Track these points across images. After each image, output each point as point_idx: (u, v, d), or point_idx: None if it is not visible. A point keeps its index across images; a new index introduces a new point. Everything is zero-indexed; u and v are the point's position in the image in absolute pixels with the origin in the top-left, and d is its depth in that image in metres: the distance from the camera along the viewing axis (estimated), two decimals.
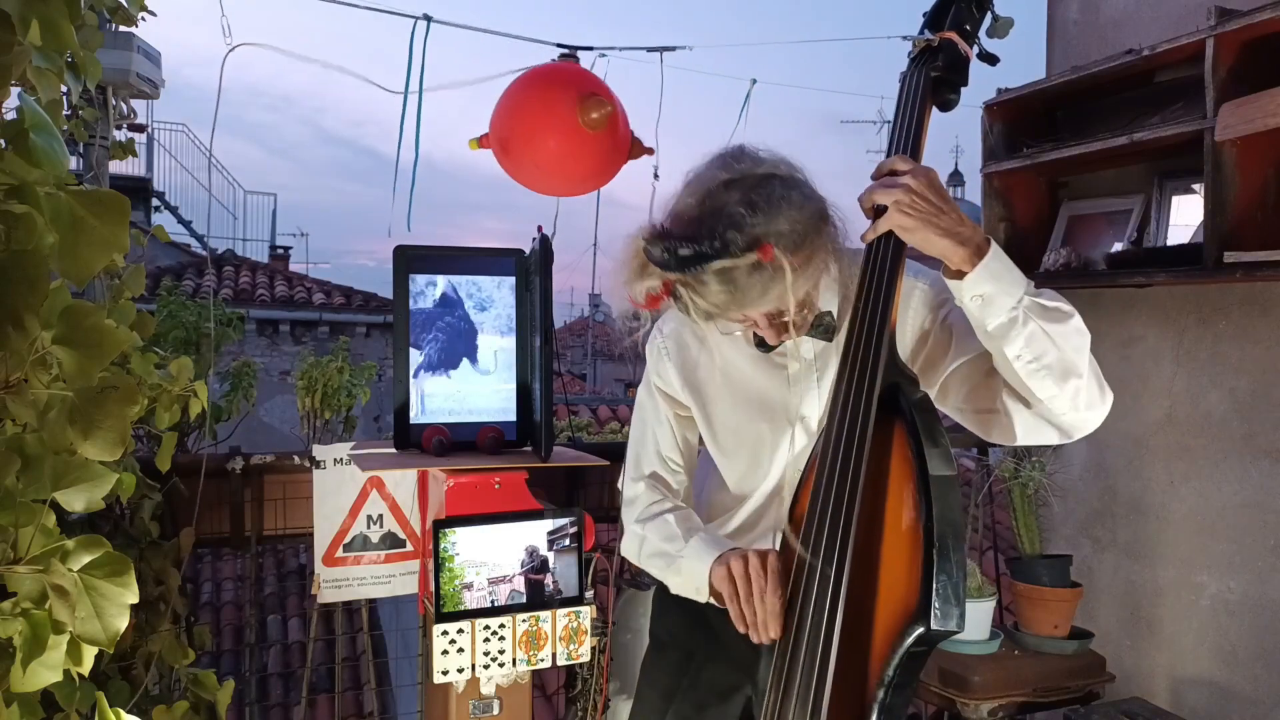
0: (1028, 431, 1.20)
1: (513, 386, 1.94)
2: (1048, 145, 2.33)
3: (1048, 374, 1.10)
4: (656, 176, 1.32)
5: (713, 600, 1.26)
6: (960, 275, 1.09)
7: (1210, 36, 1.88)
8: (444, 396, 1.91)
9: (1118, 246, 2.28)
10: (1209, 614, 2.24)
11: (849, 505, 1.05)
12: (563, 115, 1.41)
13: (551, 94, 1.43)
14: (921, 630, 0.99)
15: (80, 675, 0.90)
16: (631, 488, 1.46)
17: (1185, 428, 2.29)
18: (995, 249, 1.09)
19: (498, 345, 1.94)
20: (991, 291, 1.08)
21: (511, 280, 1.93)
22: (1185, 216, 2.23)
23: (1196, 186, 2.17)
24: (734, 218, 1.08)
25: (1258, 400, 2.13)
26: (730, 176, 1.13)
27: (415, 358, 1.88)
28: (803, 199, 1.13)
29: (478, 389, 1.93)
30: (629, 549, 1.44)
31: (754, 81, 1.49)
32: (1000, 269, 1.08)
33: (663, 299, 1.14)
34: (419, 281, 1.88)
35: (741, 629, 1.14)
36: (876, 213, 1.12)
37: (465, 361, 1.92)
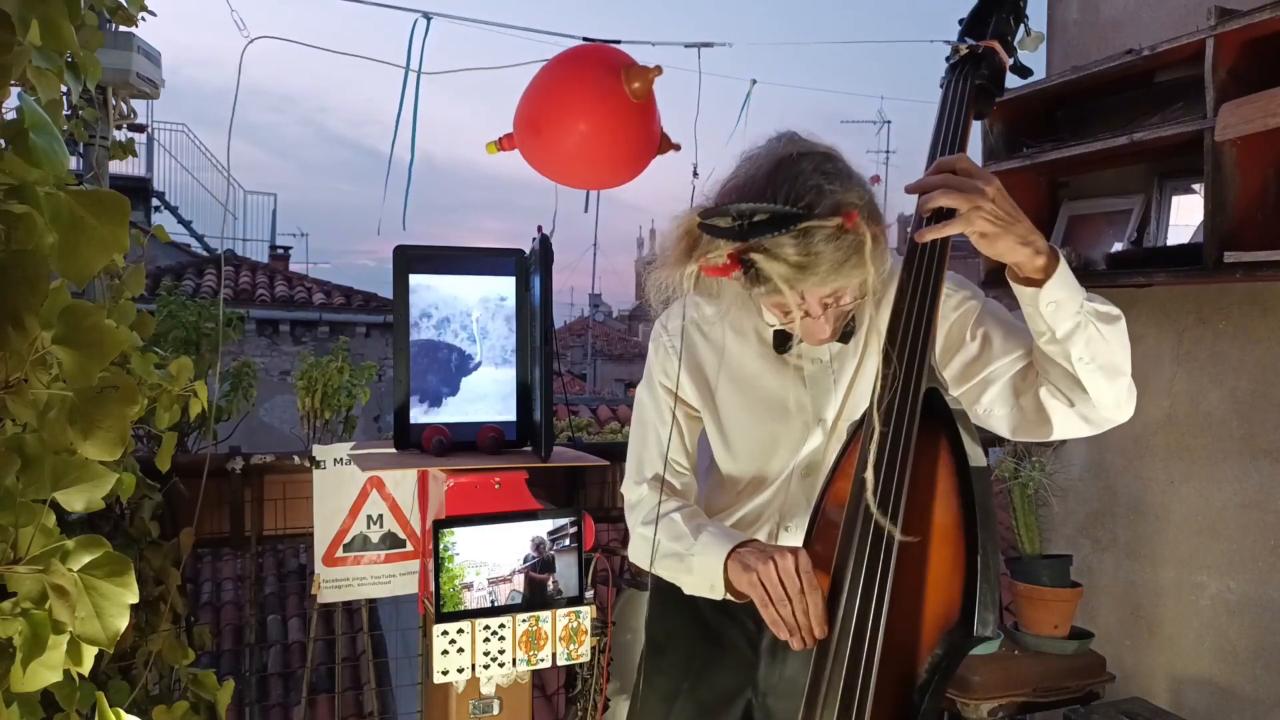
0: (1062, 427, 1.22)
1: (513, 387, 1.94)
2: (1048, 145, 2.33)
3: (1102, 373, 1.14)
4: (696, 174, 1.30)
5: (729, 597, 1.23)
6: (1035, 282, 1.10)
7: (1210, 36, 1.88)
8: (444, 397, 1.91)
9: (1118, 246, 2.28)
10: (1209, 614, 2.24)
11: (894, 512, 1.03)
12: (601, 89, 1.36)
13: (588, 68, 1.37)
14: (961, 635, 0.99)
15: (80, 675, 0.90)
16: (635, 491, 1.43)
17: (1185, 428, 2.29)
18: (1061, 257, 1.11)
19: (496, 376, 1.94)
20: (1063, 297, 1.10)
21: (511, 281, 1.93)
22: (1185, 216, 2.23)
23: (1196, 186, 2.17)
24: (814, 182, 1.07)
25: (1258, 400, 2.13)
26: (799, 150, 1.12)
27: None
28: (862, 181, 1.13)
29: (478, 389, 1.93)
30: (638, 554, 1.41)
31: (754, 82, 1.49)
32: (1069, 275, 1.11)
33: (733, 270, 1.10)
34: (418, 307, 1.88)
35: (783, 635, 1.09)
36: (938, 213, 1.10)
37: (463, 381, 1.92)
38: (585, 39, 1.42)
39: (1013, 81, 2.42)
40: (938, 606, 1.02)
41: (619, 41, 1.42)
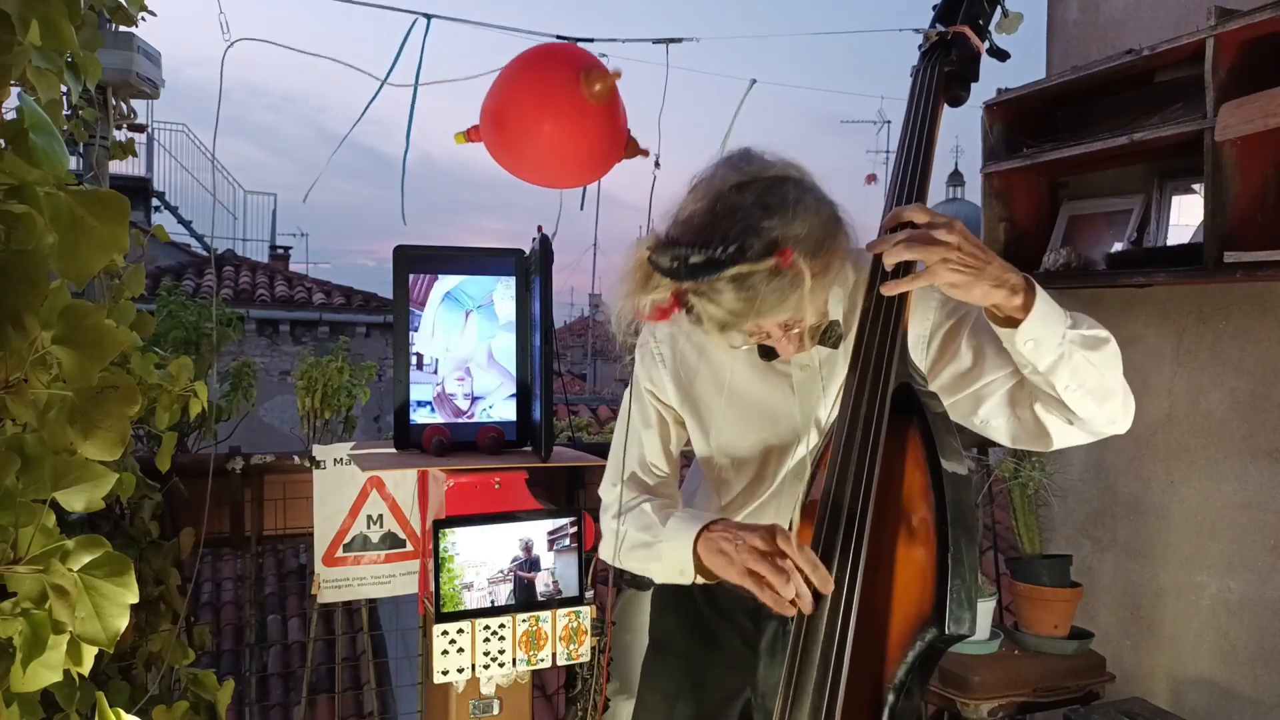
0: (1061, 439, 1.21)
1: (513, 386, 1.94)
2: (1048, 145, 2.33)
3: (1089, 397, 1.13)
4: (658, 165, 1.29)
5: (700, 578, 1.22)
6: (1012, 323, 1.07)
7: (1210, 36, 1.88)
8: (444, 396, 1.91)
9: (1118, 246, 2.28)
10: (1209, 614, 2.24)
11: (863, 508, 1.03)
12: (561, 93, 1.35)
13: (549, 70, 1.37)
14: (935, 634, 0.97)
15: (80, 675, 0.90)
16: (610, 492, 1.42)
17: (1185, 428, 2.29)
18: (1039, 290, 1.08)
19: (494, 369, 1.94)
20: (1042, 333, 1.07)
21: (511, 280, 1.93)
22: (1185, 216, 2.23)
23: (1196, 186, 2.17)
24: (749, 221, 1.03)
25: (1258, 400, 2.13)
26: (741, 179, 1.08)
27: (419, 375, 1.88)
28: (817, 202, 1.09)
29: (478, 388, 1.93)
30: (605, 550, 1.39)
31: (753, 81, 1.49)
32: (1047, 310, 1.07)
33: (673, 311, 1.09)
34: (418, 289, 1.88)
35: (789, 611, 1.06)
36: (902, 266, 1.07)
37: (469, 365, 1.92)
38: (559, 37, 1.42)
39: (1013, 80, 2.44)
40: (910, 605, 1.01)
41: (591, 39, 1.42)
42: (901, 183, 1.17)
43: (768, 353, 1.29)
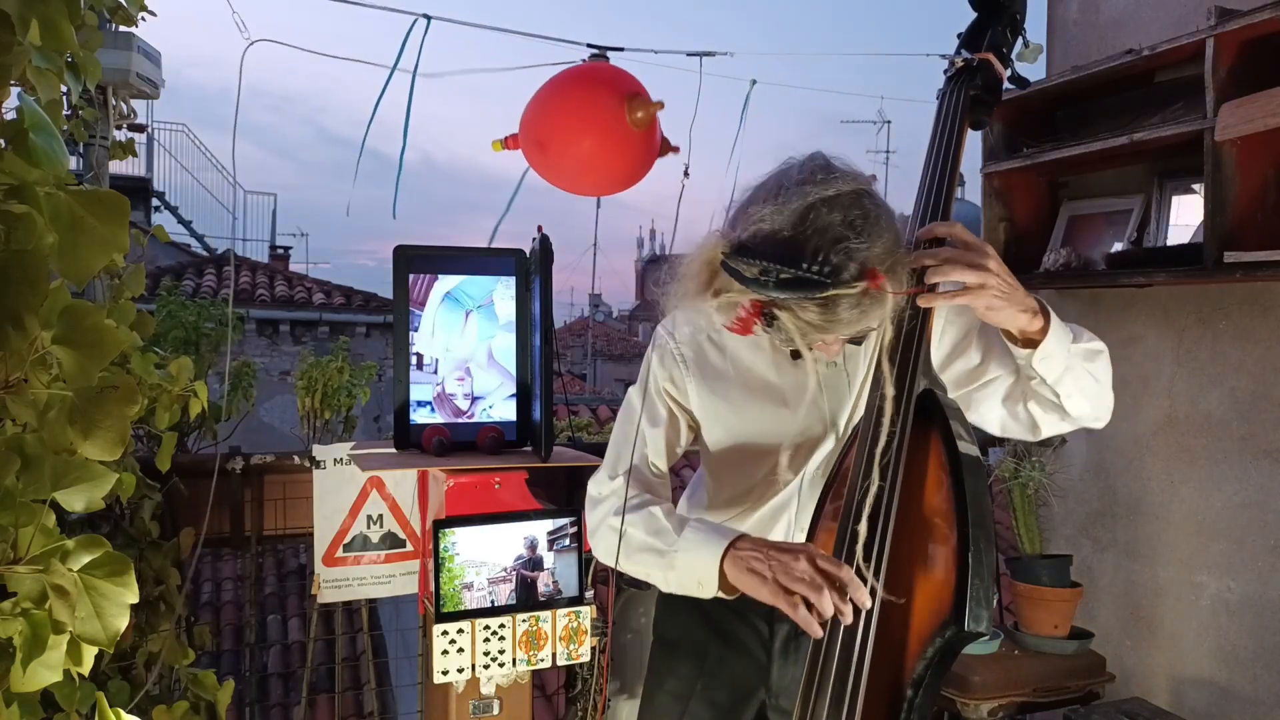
0: (1048, 431, 1.32)
1: (513, 386, 1.94)
2: (1048, 145, 2.33)
3: (1086, 400, 1.25)
4: (687, 175, 1.31)
5: (722, 594, 1.20)
6: (1030, 343, 1.17)
7: (1210, 36, 1.88)
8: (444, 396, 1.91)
9: (1118, 246, 2.28)
10: (1209, 614, 2.24)
11: (886, 510, 1.05)
12: (606, 115, 1.38)
13: (595, 93, 1.41)
14: (954, 631, 1.00)
15: (80, 675, 0.90)
16: (606, 485, 1.38)
17: (1185, 428, 2.29)
18: (1052, 313, 1.17)
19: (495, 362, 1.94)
20: (1053, 350, 1.17)
21: (511, 280, 1.93)
22: (1185, 216, 2.23)
23: (1196, 186, 2.17)
24: (842, 243, 1.03)
25: (1258, 400, 2.13)
26: (826, 194, 1.07)
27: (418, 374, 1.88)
28: (889, 215, 1.10)
29: (478, 389, 1.93)
30: (604, 547, 1.34)
31: (754, 82, 1.49)
32: (1059, 328, 1.17)
33: (754, 322, 1.10)
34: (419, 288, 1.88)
35: (818, 633, 1.06)
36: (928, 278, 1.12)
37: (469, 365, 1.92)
38: (589, 45, 1.43)
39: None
40: (931, 603, 1.04)
41: (622, 49, 1.43)
42: (927, 200, 1.23)
43: (795, 352, 1.29)
